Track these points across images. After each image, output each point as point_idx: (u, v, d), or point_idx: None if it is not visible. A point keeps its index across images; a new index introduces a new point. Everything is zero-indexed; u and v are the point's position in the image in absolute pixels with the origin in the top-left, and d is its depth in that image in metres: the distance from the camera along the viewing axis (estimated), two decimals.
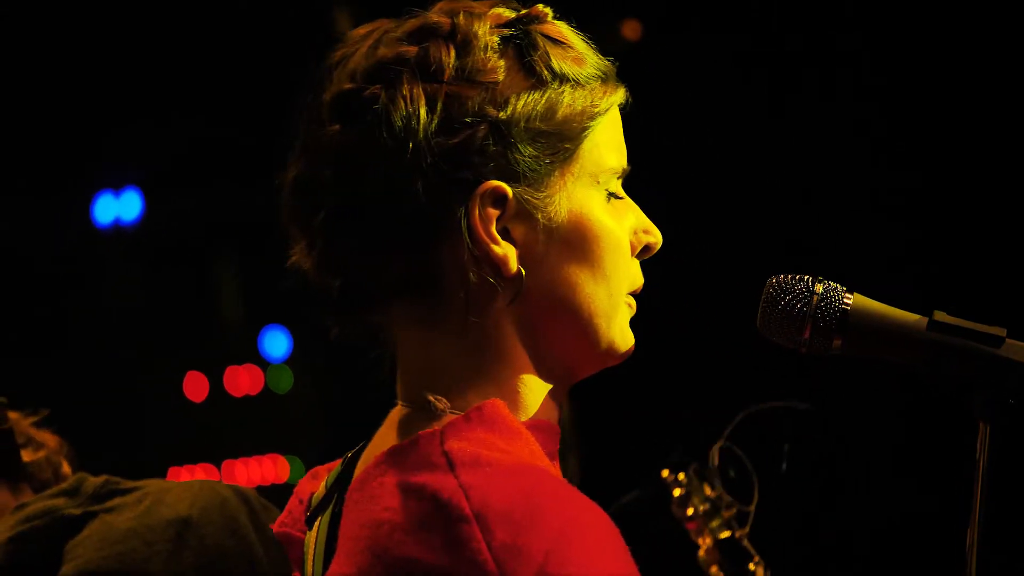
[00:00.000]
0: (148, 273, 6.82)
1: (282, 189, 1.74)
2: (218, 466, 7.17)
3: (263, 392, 7.30)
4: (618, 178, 1.76)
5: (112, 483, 2.59)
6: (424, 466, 1.53)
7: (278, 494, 2.17)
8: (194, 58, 5.92)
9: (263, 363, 7.28)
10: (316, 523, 1.74)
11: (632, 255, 1.76)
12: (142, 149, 6.45)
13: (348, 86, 1.68)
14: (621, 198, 1.75)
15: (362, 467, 1.67)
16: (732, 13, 5.08)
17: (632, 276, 1.76)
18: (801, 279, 1.78)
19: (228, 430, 7.22)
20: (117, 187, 6.66)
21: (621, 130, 1.77)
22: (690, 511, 2.87)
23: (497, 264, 1.66)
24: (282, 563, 1.90)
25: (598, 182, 1.72)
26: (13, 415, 2.77)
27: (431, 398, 1.66)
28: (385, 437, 1.71)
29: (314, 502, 1.77)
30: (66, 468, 2.82)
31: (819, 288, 1.76)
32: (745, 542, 2.83)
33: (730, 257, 4.92)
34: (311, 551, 1.72)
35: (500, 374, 1.68)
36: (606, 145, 1.73)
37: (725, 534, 2.85)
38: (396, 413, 1.73)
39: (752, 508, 2.86)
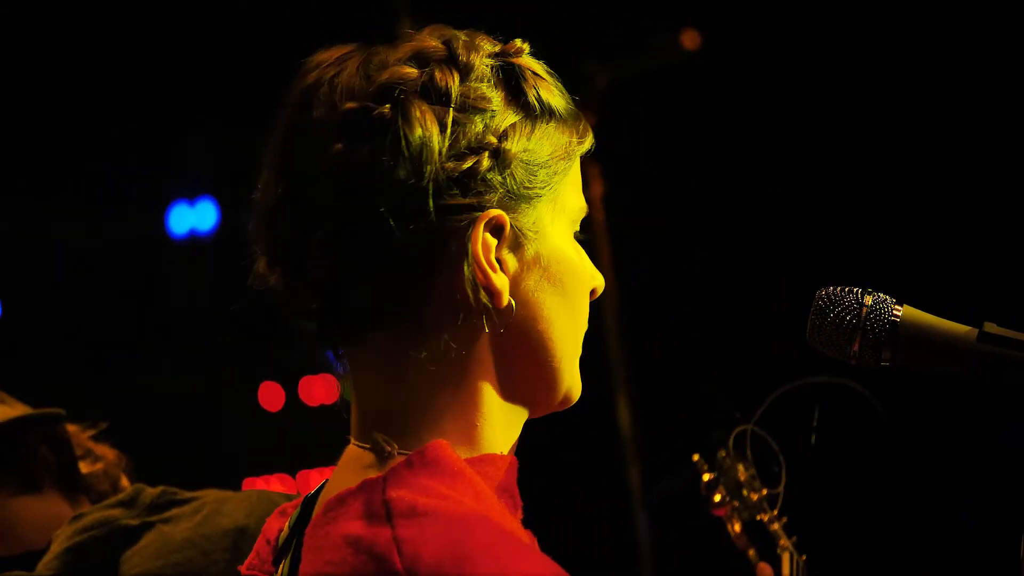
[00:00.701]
0: (223, 283, 6.85)
1: (255, 212, 1.71)
2: (293, 476, 7.18)
3: (338, 401, 7.29)
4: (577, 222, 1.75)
5: (169, 493, 2.61)
6: (364, 516, 1.52)
7: None
8: (272, 66, 5.95)
9: (338, 372, 7.27)
10: (281, 565, 1.73)
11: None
12: (217, 158, 6.49)
13: (352, 105, 1.63)
14: (580, 241, 1.74)
15: (318, 509, 1.65)
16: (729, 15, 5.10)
17: (586, 317, 1.75)
18: (851, 291, 1.77)
19: (303, 440, 7.23)
20: (192, 197, 6.71)
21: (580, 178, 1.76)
22: (717, 497, 2.85)
23: (493, 293, 1.63)
24: None
25: (571, 221, 1.72)
26: (71, 427, 2.80)
27: (380, 439, 1.63)
28: (338, 479, 1.68)
29: (280, 541, 1.76)
30: (124, 481, 2.85)
31: (868, 300, 1.75)
32: (775, 525, 2.81)
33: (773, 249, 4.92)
34: None
35: (462, 408, 1.66)
36: (574, 186, 1.73)
37: (757, 517, 2.83)
38: (350, 452, 1.70)
39: (780, 490, 2.84)
